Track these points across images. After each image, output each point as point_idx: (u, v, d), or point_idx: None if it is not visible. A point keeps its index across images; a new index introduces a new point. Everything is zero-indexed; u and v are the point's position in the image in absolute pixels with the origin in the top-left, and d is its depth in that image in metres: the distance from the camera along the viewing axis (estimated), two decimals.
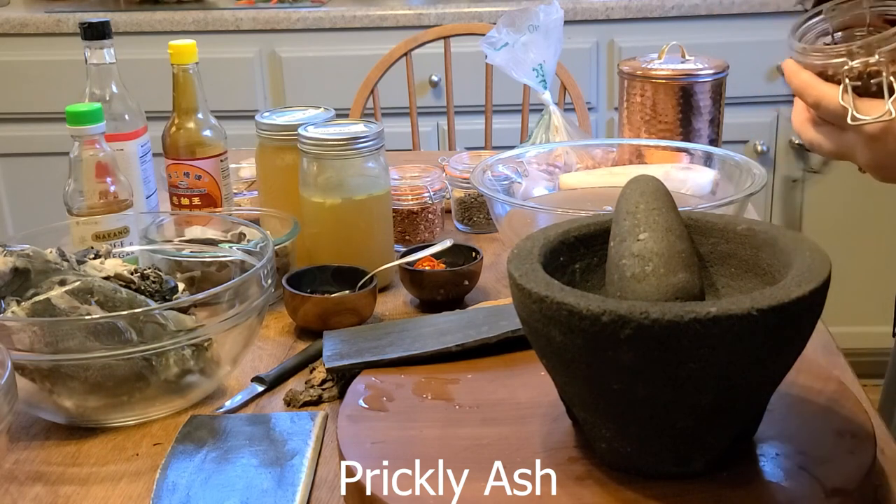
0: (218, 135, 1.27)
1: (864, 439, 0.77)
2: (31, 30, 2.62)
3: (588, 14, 2.51)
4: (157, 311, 0.90)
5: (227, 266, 1.09)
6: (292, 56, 2.61)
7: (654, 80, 1.44)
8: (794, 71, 0.74)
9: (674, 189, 0.82)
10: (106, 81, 1.26)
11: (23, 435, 0.92)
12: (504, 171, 1.30)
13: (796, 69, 0.74)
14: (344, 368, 0.94)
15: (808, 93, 0.72)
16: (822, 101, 0.71)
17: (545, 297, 0.69)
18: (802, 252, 0.74)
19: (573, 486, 0.73)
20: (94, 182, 1.14)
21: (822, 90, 0.72)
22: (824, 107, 0.71)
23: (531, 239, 0.80)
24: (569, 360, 0.70)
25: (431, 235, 1.34)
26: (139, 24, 2.59)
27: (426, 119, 2.56)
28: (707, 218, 0.83)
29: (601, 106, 2.60)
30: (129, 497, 0.82)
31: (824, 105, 0.71)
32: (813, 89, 0.72)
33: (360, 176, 1.17)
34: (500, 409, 0.84)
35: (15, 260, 0.91)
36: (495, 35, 1.50)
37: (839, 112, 0.70)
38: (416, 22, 2.54)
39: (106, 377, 0.89)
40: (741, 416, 0.73)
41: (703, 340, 0.65)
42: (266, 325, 1.12)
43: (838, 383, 0.85)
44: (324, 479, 0.83)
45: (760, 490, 0.73)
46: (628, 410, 0.71)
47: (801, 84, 0.73)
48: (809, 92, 0.72)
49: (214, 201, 1.26)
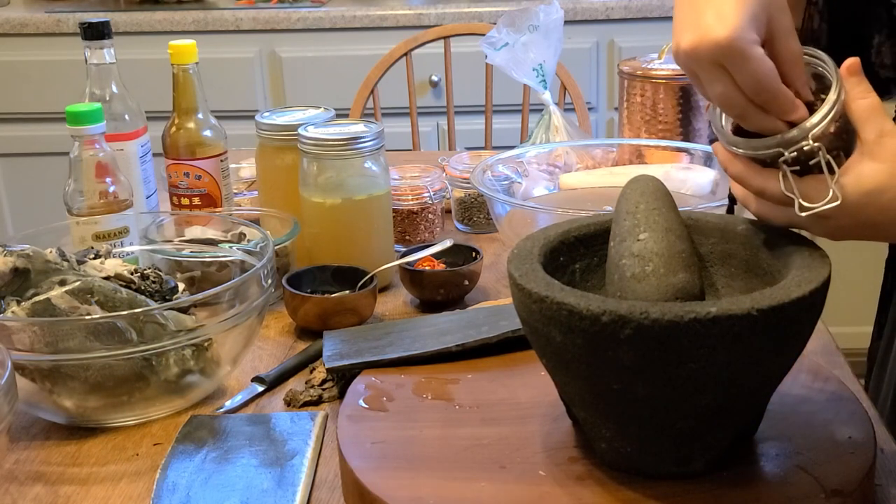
0: (218, 135, 1.27)
1: (864, 439, 0.77)
2: (31, 30, 2.62)
3: (588, 14, 2.51)
4: (157, 311, 0.90)
5: (227, 266, 1.09)
6: (292, 56, 2.61)
7: (654, 80, 1.44)
8: (728, 160, 0.72)
9: (674, 189, 0.82)
10: (106, 81, 1.26)
11: (23, 435, 0.92)
12: (504, 171, 1.31)
13: (730, 158, 0.72)
14: (344, 368, 0.94)
15: (749, 183, 0.71)
16: (765, 191, 0.70)
17: (545, 297, 0.69)
18: (802, 252, 0.74)
19: (573, 486, 0.73)
20: (94, 182, 1.14)
21: (763, 180, 0.70)
22: (769, 196, 0.70)
23: (531, 239, 0.80)
24: (569, 360, 0.70)
25: (431, 235, 1.34)
26: (139, 24, 2.59)
27: (426, 119, 2.57)
28: (707, 218, 0.83)
29: (601, 106, 2.60)
30: (129, 497, 0.82)
31: (769, 194, 0.70)
32: (753, 179, 0.71)
33: (360, 176, 1.17)
34: (500, 409, 0.84)
35: (15, 260, 0.91)
36: (495, 35, 1.50)
37: (785, 201, 0.69)
38: (416, 22, 2.54)
39: (106, 377, 0.89)
40: (741, 416, 0.73)
41: (703, 340, 0.65)
42: (266, 325, 1.12)
43: (838, 383, 0.85)
44: (324, 479, 0.83)
45: (760, 490, 0.73)
46: (628, 410, 0.71)
47: (739, 173, 0.71)
48: (750, 182, 0.71)
49: (214, 201, 1.26)
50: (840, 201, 0.68)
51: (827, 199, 0.68)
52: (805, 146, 0.69)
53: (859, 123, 0.69)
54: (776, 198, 0.70)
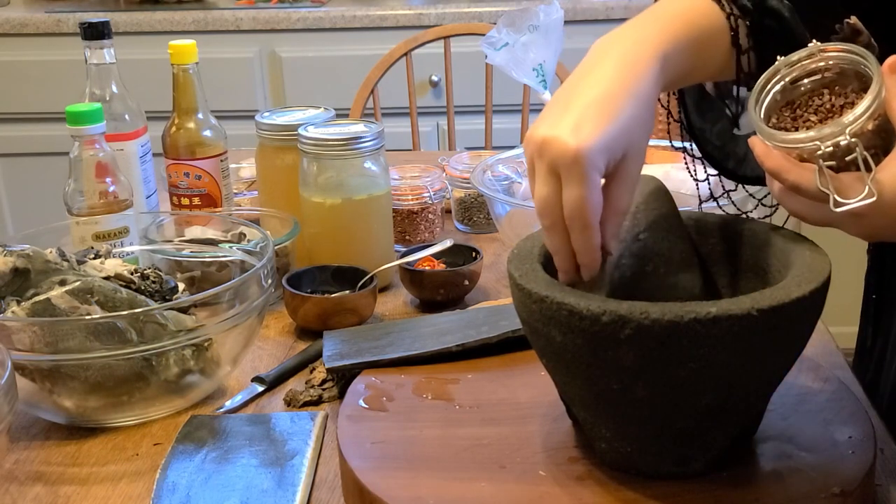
0: (218, 135, 1.27)
1: (864, 439, 0.77)
2: (31, 30, 2.62)
3: (588, 14, 2.51)
4: (157, 311, 0.90)
5: (227, 266, 1.09)
6: (292, 56, 2.61)
7: None
8: (765, 153, 0.71)
9: (674, 189, 0.82)
10: (106, 81, 1.26)
11: (23, 435, 0.92)
12: (504, 171, 1.31)
13: (767, 151, 0.71)
14: (344, 368, 0.94)
15: (784, 177, 0.70)
16: (800, 186, 0.69)
17: (545, 297, 0.69)
18: (802, 252, 0.74)
19: (573, 486, 0.73)
20: (94, 182, 1.14)
21: (799, 174, 0.69)
22: (804, 191, 0.69)
23: (531, 239, 0.80)
24: (569, 360, 0.70)
25: (431, 235, 1.34)
26: (139, 24, 2.59)
27: (426, 119, 2.56)
28: (707, 218, 0.83)
29: None
30: (129, 497, 0.82)
31: (804, 189, 0.69)
32: (789, 173, 0.70)
33: (360, 176, 1.17)
34: (500, 409, 0.84)
35: (15, 260, 0.91)
36: (495, 35, 1.50)
37: (820, 196, 0.68)
38: (416, 22, 2.54)
39: (106, 377, 0.89)
40: (741, 416, 0.73)
41: (703, 340, 0.65)
42: (266, 325, 1.12)
43: (838, 383, 0.85)
44: (324, 479, 0.83)
45: (760, 490, 0.73)
46: (628, 410, 0.71)
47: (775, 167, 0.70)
48: (785, 177, 0.70)
49: (214, 201, 1.26)
50: (875, 198, 0.66)
51: (862, 195, 0.66)
52: (842, 141, 0.68)
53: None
54: (811, 193, 0.69)
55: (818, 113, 0.72)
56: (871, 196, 0.66)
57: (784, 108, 0.74)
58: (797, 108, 0.73)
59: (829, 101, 0.72)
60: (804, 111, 0.73)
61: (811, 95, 0.73)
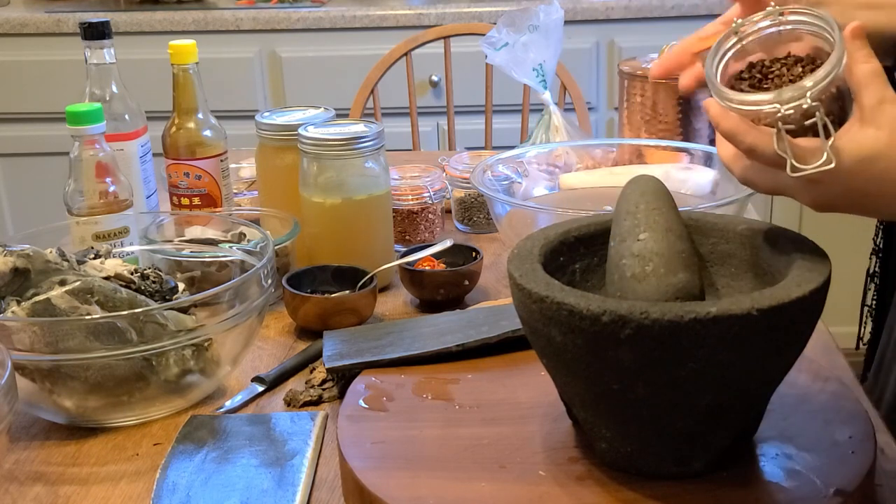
0: (218, 135, 1.27)
1: (864, 439, 0.77)
2: (31, 30, 2.62)
3: (588, 14, 2.51)
4: (157, 311, 0.90)
5: (227, 266, 1.09)
6: (292, 56, 2.61)
7: (654, 80, 1.44)
8: (720, 114, 0.69)
9: (674, 189, 0.82)
10: (106, 81, 1.26)
11: (23, 435, 0.92)
12: (504, 171, 1.30)
13: (723, 113, 0.69)
14: (344, 368, 0.94)
15: (741, 139, 0.68)
16: (757, 149, 0.67)
17: (545, 297, 0.69)
18: (802, 252, 0.74)
19: (573, 486, 0.73)
20: (94, 182, 1.14)
21: (756, 137, 0.67)
22: (760, 154, 0.67)
23: (531, 239, 0.80)
24: (569, 360, 0.70)
25: (431, 235, 1.34)
26: (139, 24, 2.59)
27: (426, 119, 2.57)
28: (707, 218, 0.83)
29: (601, 106, 2.60)
30: (129, 497, 0.82)
31: (760, 153, 0.67)
32: (745, 136, 0.68)
33: (360, 176, 1.17)
34: (500, 409, 0.84)
35: (15, 260, 0.91)
36: (495, 35, 1.50)
37: (776, 160, 0.66)
38: (416, 22, 2.54)
39: (106, 377, 0.89)
40: (741, 416, 0.73)
41: (703, 340, 0.65)
42: (266, 325, 1.12)
43: (838, 383, 0.85)
44: (324, 479, 0.83)
45: (760, 490, 0.73)
46: (628, 410, 0.71)
47: (731, 129, 0.68)
48: (742, 139, 0.68)
49: (214, 201, 1.26)
50: (833, 164, 0.65)
51: (821, 161, 0.65)
52: (804, 104, 0.66)
53: (859, 88, 0.67)
54: (767, 157, 0.67)
55: (775, 79, 0.71)
56: (830, 163, 0.65)
57: (742, 72, 0.73)
58: (754, 70, 0.72)
59: (785, 67, 0.71)
60: (760, 73, 0.72)
61: (770, 61, 0.72)
